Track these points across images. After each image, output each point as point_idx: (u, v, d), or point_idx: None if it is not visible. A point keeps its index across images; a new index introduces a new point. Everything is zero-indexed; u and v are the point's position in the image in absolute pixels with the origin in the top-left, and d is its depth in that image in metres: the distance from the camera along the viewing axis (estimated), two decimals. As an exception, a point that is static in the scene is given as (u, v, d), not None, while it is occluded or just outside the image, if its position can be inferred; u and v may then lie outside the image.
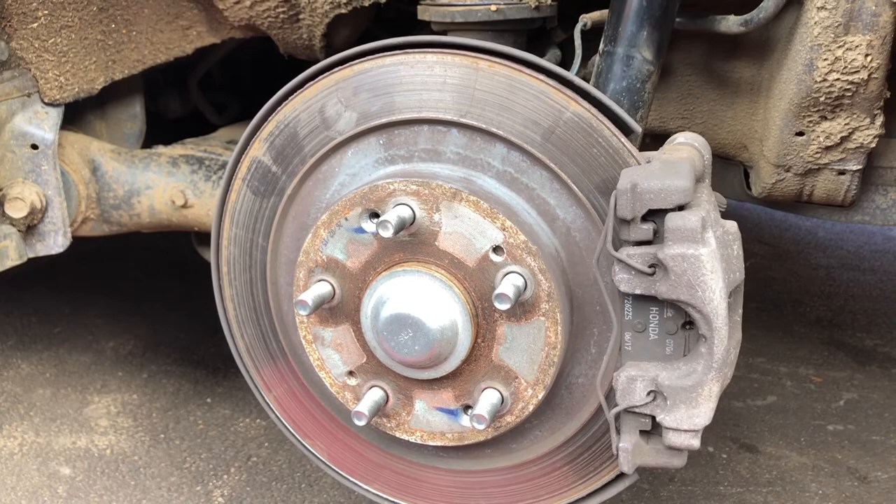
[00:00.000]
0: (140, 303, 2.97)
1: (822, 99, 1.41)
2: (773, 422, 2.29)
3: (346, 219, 1.14)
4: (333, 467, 1.36)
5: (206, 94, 2.35)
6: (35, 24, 1.61)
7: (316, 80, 1.18)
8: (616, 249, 1.01)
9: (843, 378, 2.54)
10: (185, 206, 1.80)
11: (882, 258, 3.52)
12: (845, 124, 1.44)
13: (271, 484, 2.00)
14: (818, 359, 2.66)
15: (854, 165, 1.51)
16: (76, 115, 1.88)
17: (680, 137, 1.13)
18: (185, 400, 2.37)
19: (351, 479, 1.35)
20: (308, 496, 1.96)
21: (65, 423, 2.25)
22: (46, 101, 1.69)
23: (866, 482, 2.03)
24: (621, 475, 1.16)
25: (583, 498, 1.20)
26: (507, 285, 1.04)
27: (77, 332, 2.77)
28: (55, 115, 1.70)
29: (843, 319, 2.94)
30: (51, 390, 2.42)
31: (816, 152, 1.50)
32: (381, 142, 1.16)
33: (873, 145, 1.47)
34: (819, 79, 1.37)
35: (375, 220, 1.11)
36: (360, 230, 1.14)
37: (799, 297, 3.14)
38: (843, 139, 1.47)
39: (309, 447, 1.36)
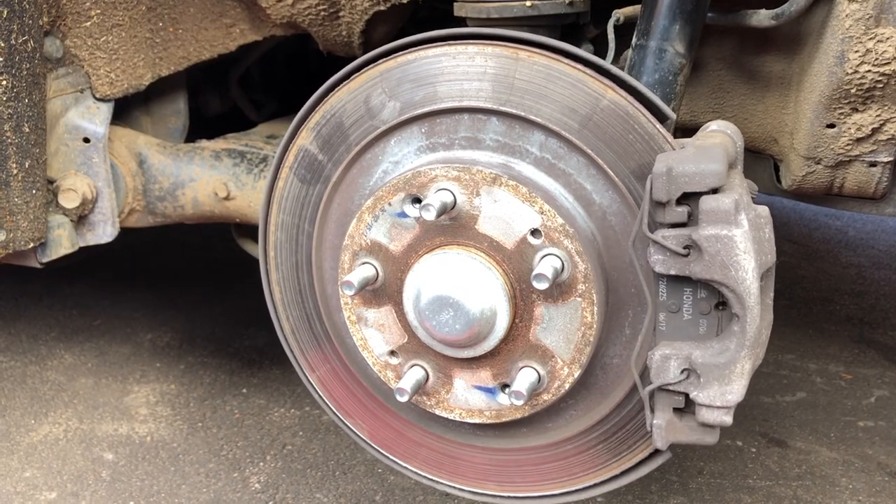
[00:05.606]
0: (176, 297, 3.04)
1: (853, 91, 1.42)
2: (802, 417, 2.30)
3: (390, 204, 1.18)
4: (374, 445, 1.40)
5: (244, 91, 2.42)
6: (88, 23, 1.69)
7: (361, 71, 1.23)
8: (651, 232, 1.05)
9: (874, 375, 2.53)
10: (227, 198, 1.86)
11: (914, 258, 3.50)
12: (876, 116, 1.46)
13: (306, 471, 2.05)
14: (848, 356, 2.66)
15: (885, 157, 1.53)
16: (124, 110, 1.94)
17: (713, 125, 1.16)
18: (221, 390, 2.43)
19: (390, 456, 1.39)
20: (342, 483, 2.00)
21: (107, 411, 2.32)
22: (98, 96, 1.76)
23: (897, 477, 2.03)
24: (654, 453, 1.19)
25: (616, 476, 1.23)
26: (546, 266, 1.08)
27: (116, 325, 2.85)
28: (106, 109, 1.77)
29: (874, 318, 2.93)
30: (93, 380, 2.50)
31: (847, 144, 1.51)
32: (423, 130, 1.20)
33: (904, 137, 1.48)
34: (850, 70, 1.39)
35: (418, 205, 1.16)
36: (403, 215, 1.18)
37: (829, 295, 3.13)
38: (875, 131, 1.48)
39: (350, 426, 1.41)
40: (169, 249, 3.48)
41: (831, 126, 1.50)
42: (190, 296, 3.05)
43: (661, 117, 1.11)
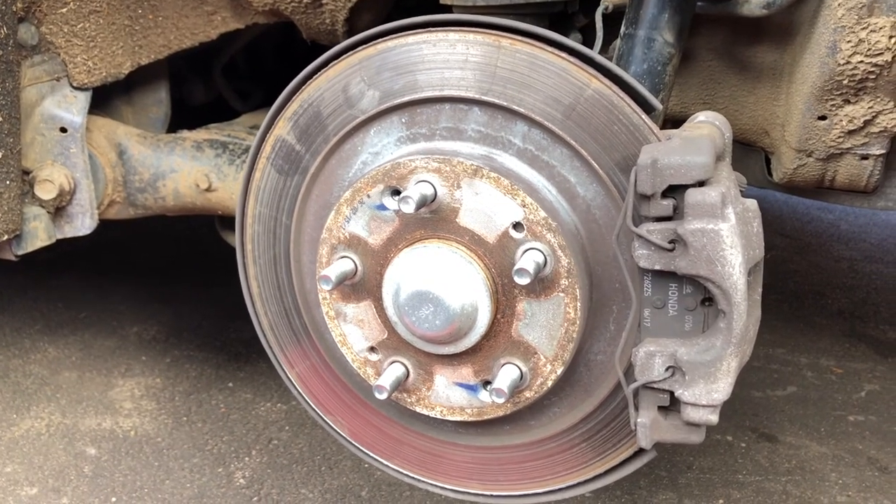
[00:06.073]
0: (163, 290, 3.01)
1: (845, 82, 1.40)
2: (792, 412, 2.28)
3: (369, 196, 1.15)
4: (354, 443, 1.37)
5: (229, 81, 2.38)
6: (64, 10, 1.64)
7: (340, 59, 1.20)
8: (636, 225, 1.02)
9: (865, 370, 2.52)
10: (209, 189, 1.83)
11: (906, 251, 3.48)
12: (869, 108, 1.43)
13: (292, 466, 2.03)
14: (839, 350, 2.64)
15: (877, 150, 1.50)
16: (103, 100, 1.91)
17: (701, 116, 1.13)
18: (207, 384, 2.41)
19: (371, 454, 1.37)
20: (328, 479, 1.98)
21: (90, 405, 2.29)
22: (75, 85, 1.72)
23: (887, 472, 2.02)
24: (639, 452, 1.17)
25: (600, 475, 1.21)
26: (528, 261, 1.05)
27: (102, 318, 2.81)
28: (83, 98, 1.73)
29: (865, 312, 2.92)
30: (77, 373, 2.47)
31: (839, 137, 1.49)
32: (403, 120, 1.17)
33: (897, 129, 1.46)
34: (842, 61, 1.37)
35: (397, 197, 1.13)
36: (383, 207, 1.15)
37: (820, 289, 3.12)
38: (867, 123, 1.46)
39: (330, 423, 1.38)
40: (156, 242, 3.44)
41: (823, 118, 1.48)
42: (177, 289, 3.02)
43: (647, 108, 1.07)
